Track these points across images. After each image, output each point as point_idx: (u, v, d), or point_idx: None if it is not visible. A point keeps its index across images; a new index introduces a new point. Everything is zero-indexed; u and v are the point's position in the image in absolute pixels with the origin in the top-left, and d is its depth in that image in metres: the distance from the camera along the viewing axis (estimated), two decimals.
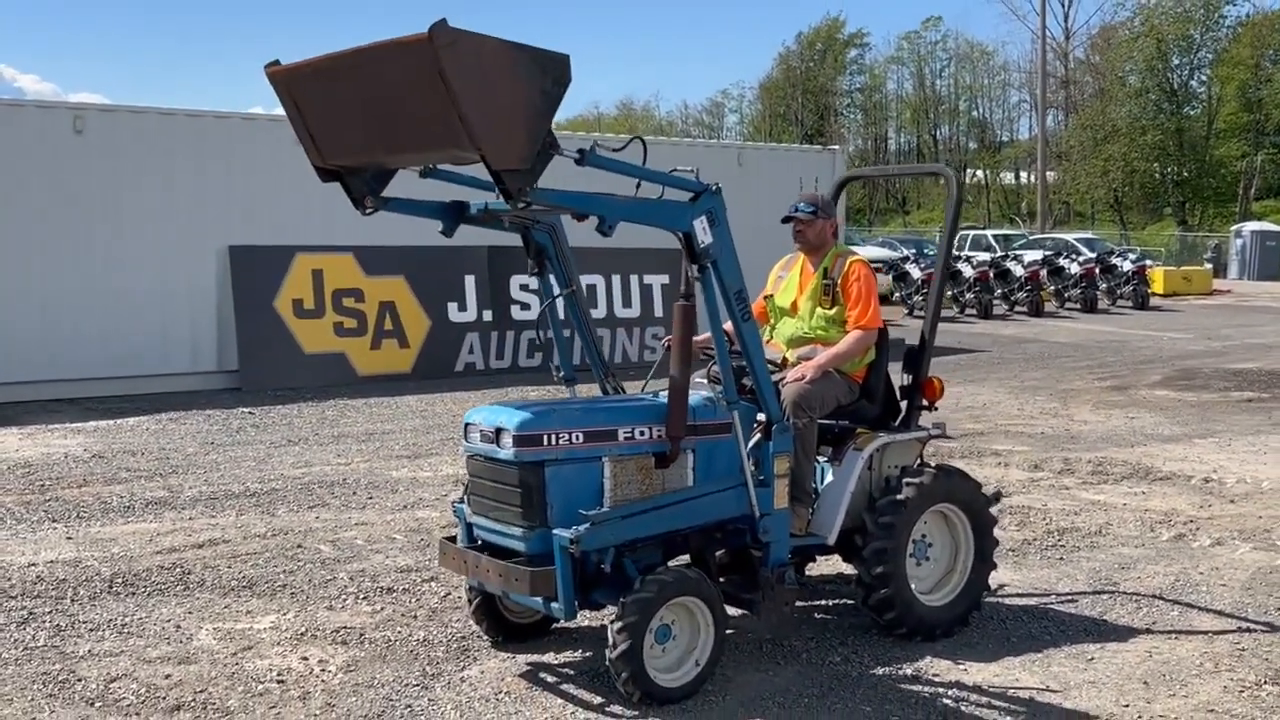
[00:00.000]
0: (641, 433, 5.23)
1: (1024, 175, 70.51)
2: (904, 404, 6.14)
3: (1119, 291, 30.63)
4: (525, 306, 16.52)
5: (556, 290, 5.73)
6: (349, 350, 15.52)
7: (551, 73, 4.31)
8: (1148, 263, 33.27)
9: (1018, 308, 28.31)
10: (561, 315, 5.85)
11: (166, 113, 15.03)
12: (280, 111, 4.96)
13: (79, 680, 5.26)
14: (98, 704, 5.01)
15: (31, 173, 13.85)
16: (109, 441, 11.14)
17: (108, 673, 5.35)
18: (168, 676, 5.32)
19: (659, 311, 17.57)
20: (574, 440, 5.06)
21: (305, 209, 15.36)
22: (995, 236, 39.62)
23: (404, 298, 15.81)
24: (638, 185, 4.89)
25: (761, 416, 5.41)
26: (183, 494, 8.96)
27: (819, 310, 5.93)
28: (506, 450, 4.99)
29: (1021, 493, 9.08)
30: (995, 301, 27.73)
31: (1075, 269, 29.96)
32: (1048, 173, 56.23)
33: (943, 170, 6.56)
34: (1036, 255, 31.64)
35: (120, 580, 6.74)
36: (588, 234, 5.06)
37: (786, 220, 6.03)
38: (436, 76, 4.05)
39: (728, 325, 5.23)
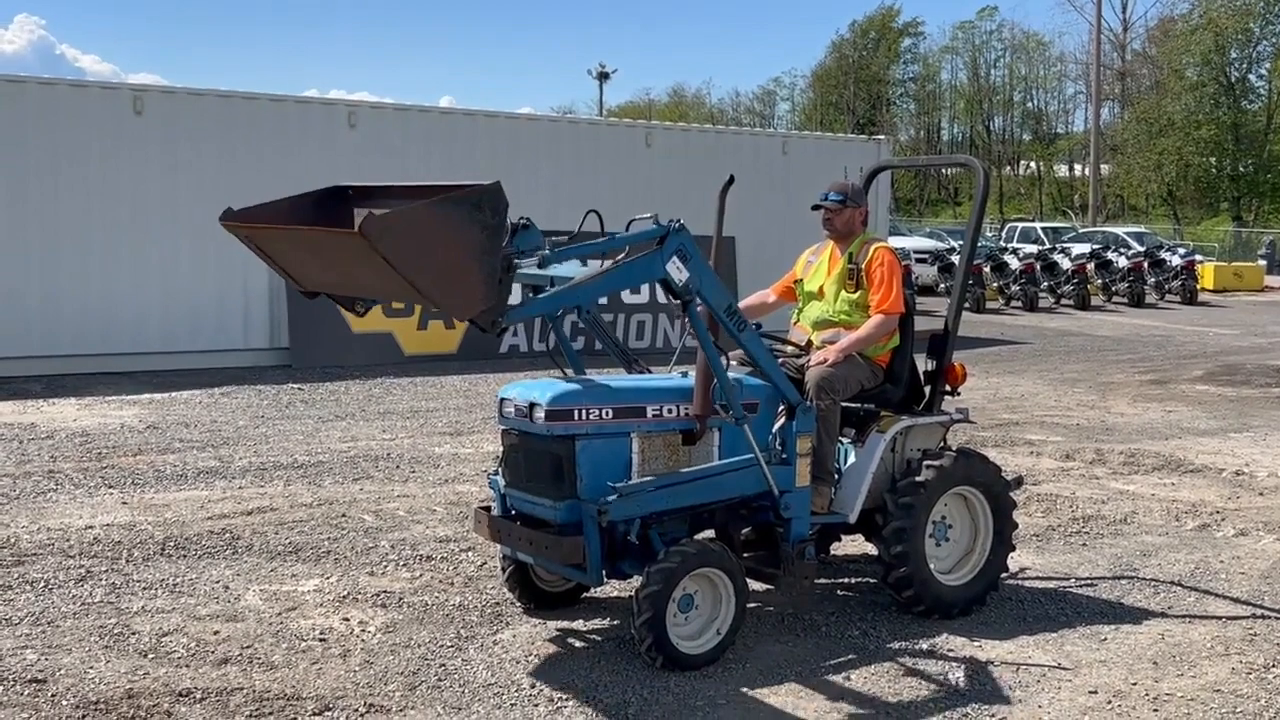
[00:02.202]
0: (669, 410, 5.44)
1: (1078, 168, 69.89)
2: (928, 389, 6.32)
3: (1167, 286, 30.46)
4: None
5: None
6: (396, 330, 15.86)
7: (488, 206, 4.42)
8: (1197, 258, 33.03)
9: (1064, 301, 28.23)
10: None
11: (224, 95, 15.43)
12: (334, 95, 5.24)
13: (133, 634, 5.55)
14: (150, 656, 5.30)
15: (93, 151, 14.27)
16: (163, 413, 11.51)
17: (160, 628, 5.64)
18: (216, 633, 5.60)
19: None
20: (604, 416, 5.28)
21: None
22: (1044, 229, 39.42)
23: None
24: (602, 258, 5.07)
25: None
26: (233, 464, 9.28)
27: (843, 294, 6.11)
28: (539, 424, 5.22)
29: (1051, 481, 9.21)
30: (1041, 294, 27.68)
31: (1123, 263, 29.83)
32: (1102, 166, 55.73)
33: (970, 161, 6.72)
34: (1084, 248, 31.49)
35: (172, 543, 7.05)
36: (627, 220, 5.29)
37: (815, 208, 6.23)
38: (380, 259, 4.27)
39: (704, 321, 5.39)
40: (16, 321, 13.82)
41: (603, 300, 6.15)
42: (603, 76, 71.11)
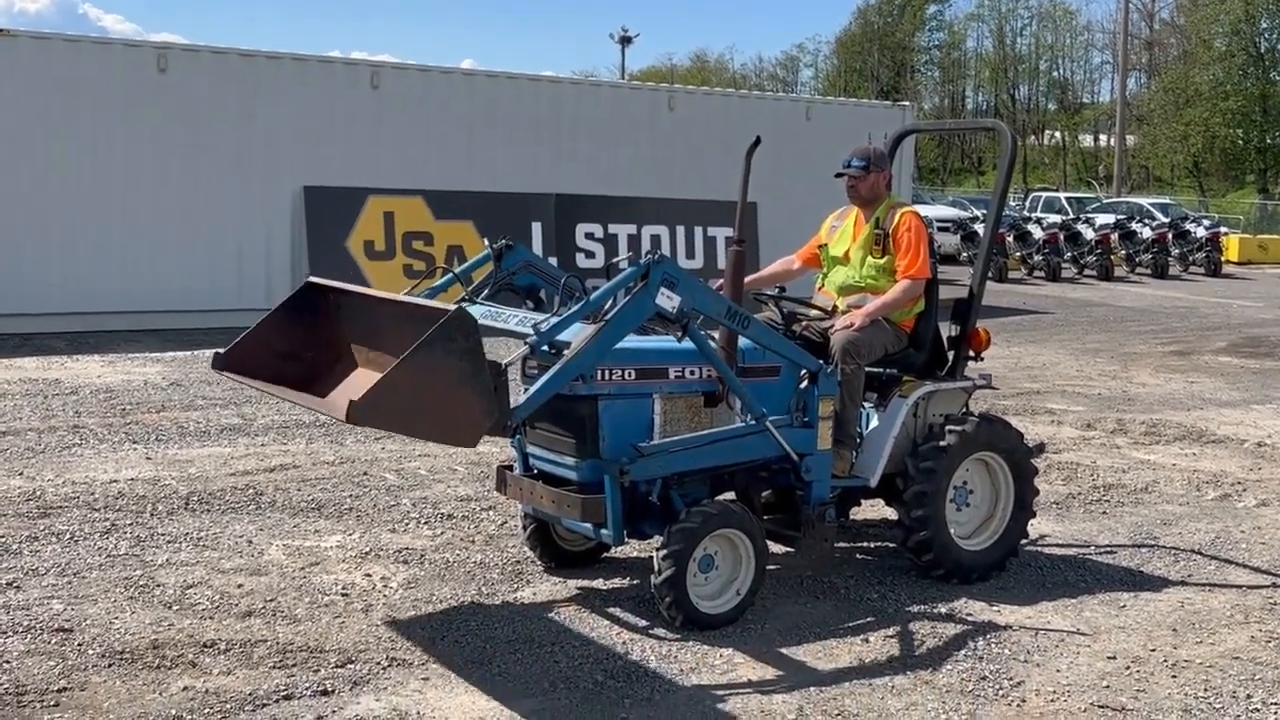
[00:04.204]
0: (691, 372, 5.45)
1: (1103, 138, 69.32)
2: (951, 354, 6.30)
3: (1191, 258, 30.26)
4: (590, 255, 16.77)
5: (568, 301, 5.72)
6: (417, 292, 15.84)
7: (458, 333, 4.43)
8: (1222, 230, 32.79)
9: (1087, 271, 28.06)
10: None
11: (247, 54, 15.41)
12: (356, 55, 5.24)
13: (158, 586, 5.61)
14: (175, 607, 5.35)
15: (116, 110, 14.28)
16: (186, 371, 11.58)
17: (184, 580, 5.70)
18: (240, 586, 5.66)
19: (721, 263, 17.71)
20: (626, 377, 5.29)
21: (378, 152, 15.74)
22: (1068, 199, 39.15)
23: (472, 242, 16.07)
24: (594, 315, 5.02)
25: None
26: (256, 421, 9.34)
27: (870, 260, 6.10)
28: None
29: (1072, 450, 9.19)
30: (1064, 264, 27.51)
31: (1147, 234, 29.62)
32: (1128, 136, 55.28)
33: (998, 125, 6.69)
34: (1109, 219, 31.29)
35: (196, 498, 7.11)
36: (648, 184, 5.27)
37: (839, 176, 6.20)
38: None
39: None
40: (40, 278, 13.89)
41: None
42: (625, 41, 70.73)
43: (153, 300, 14.45)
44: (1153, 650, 5.24)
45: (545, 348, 4.96)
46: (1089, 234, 28.23)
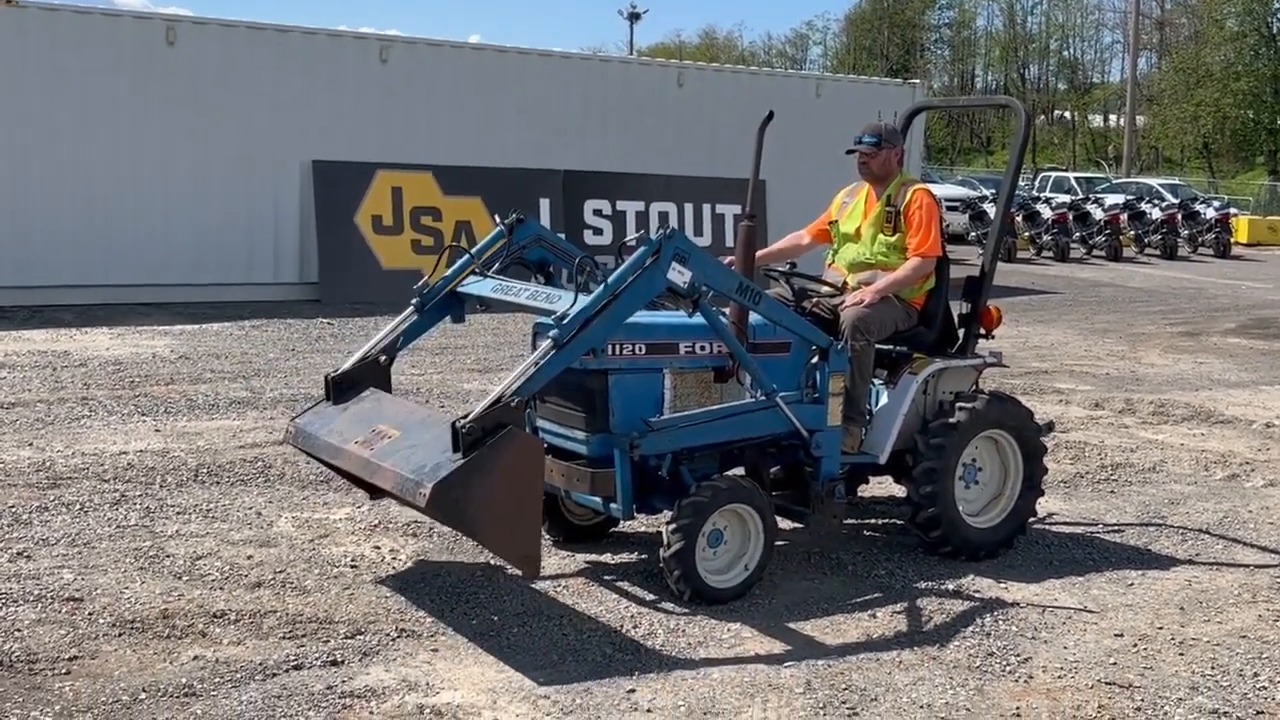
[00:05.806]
0: (702, 347, 5.45)
1: (1113, 118, 69.04)
2: (962, 332, 6.30)
3: (1201, 239, 30.18)
4: (599, 232, 16.75)
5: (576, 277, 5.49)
6: (425, 267, 15.71)
7: (450, 492, 4.52)
8: (1232, 211, 32.68)
9: (1096, 252, 27.99)
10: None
11: (256, 27, 15.38)
12: (365, 29, 5.21)
13: (167, 556, 5.63)
14: (185, 578, 5.37)
15: (125, 82, 14.26)
16: (195, 344, 11.59)
17: (194, 551, 5.72)
18: (249, 557, 5.67)
19: (729, 240, 17.67)
20: (637, 351, 5.29)
21: (387, 127, 15.71)
22: (1077, 179, 39.02)
23: (480, 218, 16.07)
24: (606, 300, 4.98)
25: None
26: (264, 395, 9.35)
27: (881, 237, 6.08)
28: None
29: (1080, 429, 9.18)
30: (1073, 245, 27.44)
31: (1157, 214, 29.53)
32: (1137, 117, 55.03)
33: (1011, 102, 6.67)
34: (1118, 199, 31.18)
35: (205, 470, 7.12)
36: (657, 161, 5.25)
37: (850, 152, 6.17)
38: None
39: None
40: (48, 251, 13.89)
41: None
42: (633, 17, 70.41)
43: (161, 273, 14.46)
44: (1160, 628, 5.24)
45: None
46: (1098, 214, 28.13)
